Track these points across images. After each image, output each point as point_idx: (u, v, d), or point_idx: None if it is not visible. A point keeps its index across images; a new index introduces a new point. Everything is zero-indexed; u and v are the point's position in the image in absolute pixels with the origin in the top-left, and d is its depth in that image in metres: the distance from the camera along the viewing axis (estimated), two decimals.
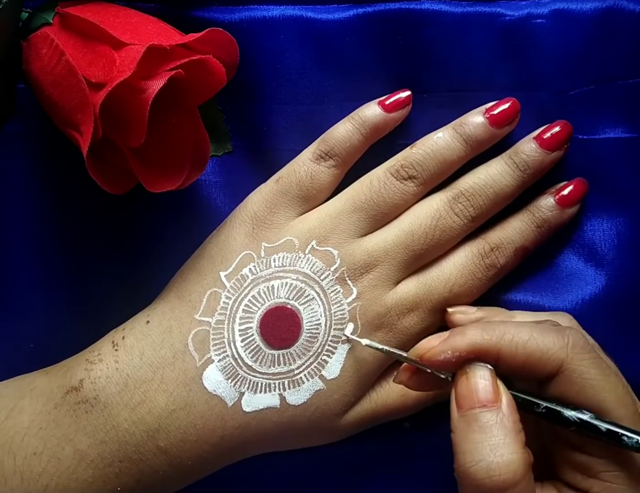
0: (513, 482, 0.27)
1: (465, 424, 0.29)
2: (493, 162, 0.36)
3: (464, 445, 0.28)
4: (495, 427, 0.28)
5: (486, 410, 0.28)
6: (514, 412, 0.29)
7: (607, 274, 0.37)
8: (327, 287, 0.35)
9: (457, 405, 0.29)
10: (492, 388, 0.29)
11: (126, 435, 0.33)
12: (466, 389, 0.29)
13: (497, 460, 0.27)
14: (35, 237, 0.38)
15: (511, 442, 0.28)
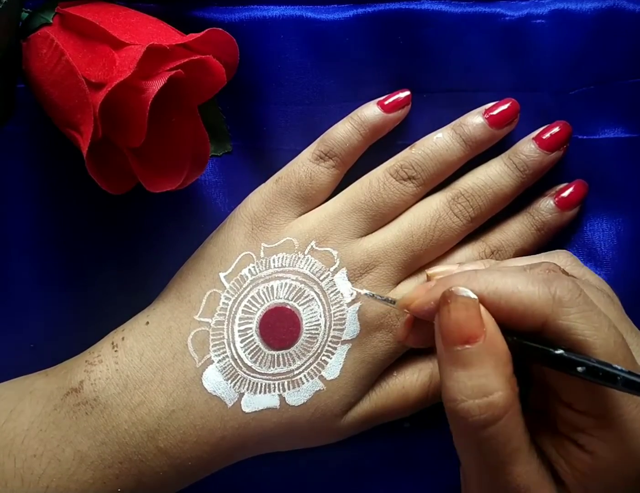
0: (492, 420, 0.27)
1: (449, 360, 0.28)
2: (492, 162, 0.36)
3: (447, 381, 0.28)
4: (478, 364, 0.27)
5: (468, 346, 0.27)
6: (499, 344, 0.27)
7: (607, 274, 0.37)
8: (326, 288, 0.35)
9: (441, 339, 0.28)
10: (474, 321, 0.27)
11: (126, 436, 0.33)
12: (448, 323, 0.28)
13: (478, 402, 0.27)
14: (35, 237, 0.38)
15: (493, 378, 0.27)
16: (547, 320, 0.27)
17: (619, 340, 0.27)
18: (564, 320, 0.27)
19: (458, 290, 0.28)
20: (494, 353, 0.27)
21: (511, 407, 0.27)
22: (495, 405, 0.27)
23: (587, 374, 0.26)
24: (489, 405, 0.27)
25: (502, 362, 0.27)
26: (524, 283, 0.28)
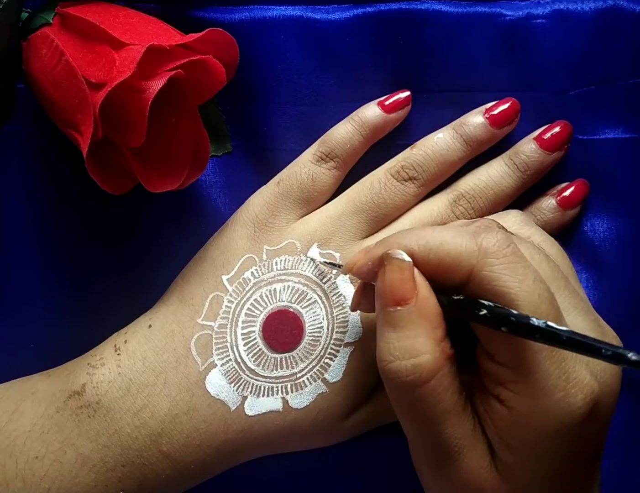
0: (421, 381, 0.27)
1: (382, 321, 0.28)
2: (493, 163, 0.36)
3: (380, 342, 0.28)
4: (408, 326, 0.27)
5: (399, 308, 0.28)
6: (430, 306, 0.28)
7: (606, 274, 0.37)
8: (329, 290, 0.35)
9: (377, 298, 0.29)
10: (406, 284, 0.28)
11: (129, 439, 0.32)
12: (383, 284, 0.28)
13: (405, 363, 0.27)
14: (35, 237, 0.38)
15: (422, 340, 0.27)
16: (472, 271, 0.27)
17: (544, 294, 0.27)
18: (487, 271, 0.27)
19: (394, 252, 0.28)
20: (425, 316, 0.28)
21: (440, 370, 0.27)
22: (422, 367, 0.27)
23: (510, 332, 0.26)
24: (415, 367, 0.27)
25: (432, 325, 0.28)
26: (452, 236, 0.28)
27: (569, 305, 0.29)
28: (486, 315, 0.27)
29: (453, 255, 0.28)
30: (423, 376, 0.27)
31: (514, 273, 0.27)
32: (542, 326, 0.25)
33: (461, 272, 0.28)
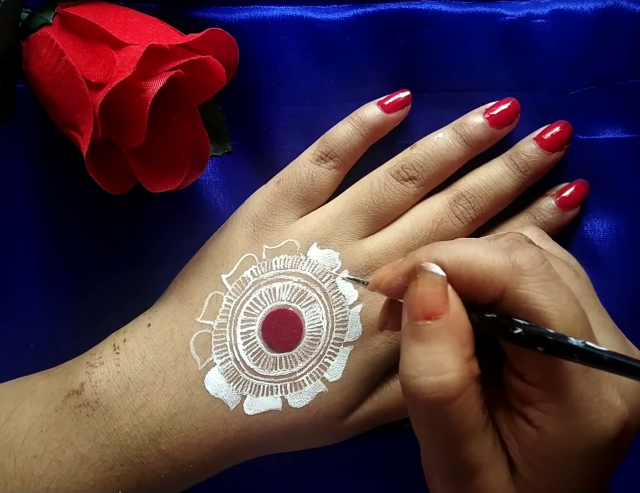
0: (446, 399, 0.26)
1: (409, 334, 0.27)
2: (493, 163, 0.36)
3: (405, 355, 0.27)
4: (437, 341, 0.26)
5: (430, 322, 0.27)
6: (461, 323, 0.27)
7: (607, 274, 0.37)
8: (328, 290, 0.35)
9: (406, 312, 0.28)
10: (439, 298, 0.27)
11: (127, 438, 0.32)
12: (414, 297, 0.27)
13: (431, 379, 0.26)
14: (35, 237, 0.38)
15: (451, 357, 0.26)
16: (505, 288, 0.26)
17: (578, 313, 0.27)
18: (522, 289, 0.26)
19: (428, 266, 0.27)
20: (455, 333, 0.27)
21: (466, 389, 0.26)
22: (449, 385, 0.26)
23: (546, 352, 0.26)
24: (441, 384, 0.26)
25: (462, 342, 0.27)
26: (485, 251, 0.27)
27: (598, 324, 0.28)
28: (521, 334, 0.26)
29: (486, 271, 0.27)
30: (449, 394, 0.26)
31: (548, 292, 0.26)
32: (580, 346, 0.25)
33: (494, 289, 0.27)
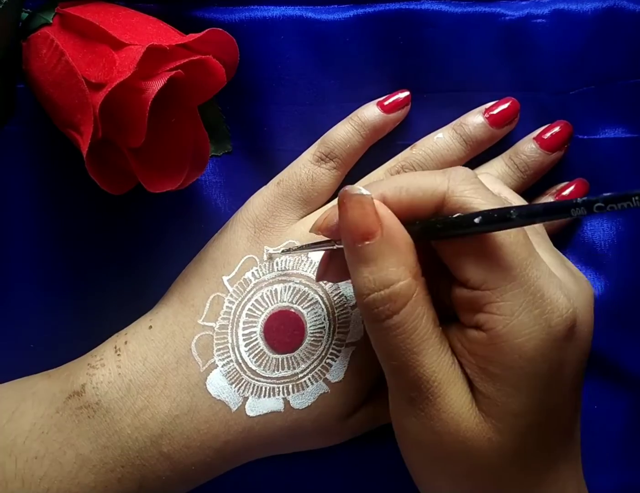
0: (396, 308, 0.28)
1: (353, 258, 0.29)
2: (493, 162, 0.36)
3: (355, 279, 0.29)
4: (379, 258, 0.28)
5: (367, 242, 0.28)
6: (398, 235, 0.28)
7: (606, 274, 0.37)
8: (330, 291, 0.34)
9: (343, 238, 0.29)
10: (369, 218, 0.28)
11: (129, 440, 0.32)
12: (347, 222, 0.29)
13: (381, 293, 0.28)
14: (35, 237, 0.38)
15: (394, 269, 0.28)
16: (444, 198, 0.28)
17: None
18: (459, 196, 0.28)
19: (351, 189, 0.29)
20: (393, 245, 0.28)
21: (414, 295, 0.28)
22: (396, 293, 0.28)
23: (485, 223, 0.27)
24: (391, 294, 0.28)
25: (402, 253, 0.28)
26: (421, 175, 0.29)
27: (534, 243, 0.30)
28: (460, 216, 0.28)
29: (424, 188, 0.29)
30: (398, 302, 0.28)
31: (484, 198, 0.28)
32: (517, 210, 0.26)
33: (433, 203, 0.28)
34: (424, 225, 0.29)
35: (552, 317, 0.27)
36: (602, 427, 0.38)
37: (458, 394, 0.28)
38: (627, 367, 0.38)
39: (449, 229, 0.28)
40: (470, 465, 0.29)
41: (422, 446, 0.30)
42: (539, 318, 0.27)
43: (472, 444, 0.28)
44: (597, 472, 0.37)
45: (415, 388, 0.28)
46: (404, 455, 0.32)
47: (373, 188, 0.29)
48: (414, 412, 0.29)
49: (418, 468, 0.32)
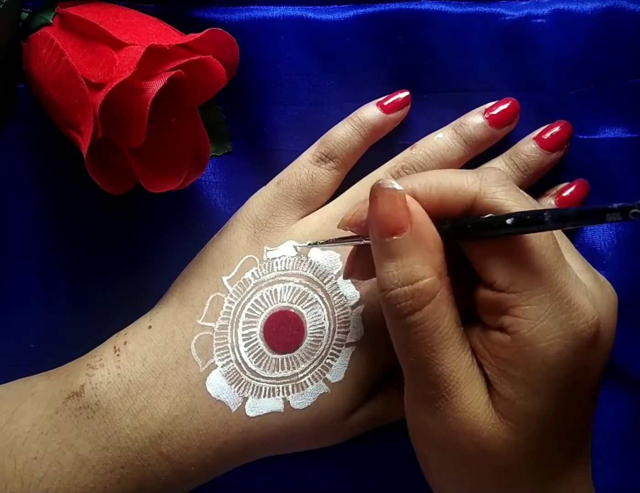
0: (419, 305, 0.28)
1: (380, 252, 0.29)
2: (493, 162, 0.36)
3: (380, 273, 0.29)
4: (406, 253, 0.28)
5: (396, 237, 0.28)
6: (427, 233, 0.28)
7: (606, 274, 0.37)
8: (330, 291, 0.34)
9: (371, 231, 0.29)
10: (400, 212, 0.28)
11: (128, 441, 0.32)
12: (377, 216, 0.29)
13: (405, 289, 0.28)
14: (35, 237, 0.38)
15: (420, 266, 0.28)
16: (475, 199, 0.28)
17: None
18: (490, 198, 0.28)
19: (384, 182, 0.29)
20: (421, 242, 0.28)
21: (438, 294, 0.28)
22: (420, 290, 0.28)
23: (517, 225, 0.27)
24: (414, 291, 0.28)
25: (430, 250, 0.28)
26: (453, 173, 0.29)
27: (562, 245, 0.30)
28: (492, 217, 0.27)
29: (455, 187, 0.29)
30: (422, 299, 0.28)
31: (515, 199, 0.28)
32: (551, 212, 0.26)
33: (464, 203, 0.28)
34: (454, 224, 0.29)
35: (578, 323, 0.28)
36: (602, 427, 0.38)
37: (475, 394, 0.29)
38: (627, 366, 0.38)
39: (479, 230, 0.28)
40: (485, 465, 0.29)
41: (437, 444, 0.30)
42: (565, 323, 0.27)
43: (487, 444, 0.28)
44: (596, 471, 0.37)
45: (433, 386, 0.29)
46: (418, 452, 0.32)
47: (404, 183, 0.29)
48: (429, 410, 0.29)
49: (431, 467, 0.32)
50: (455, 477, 0.31)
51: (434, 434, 0.30)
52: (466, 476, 0.30)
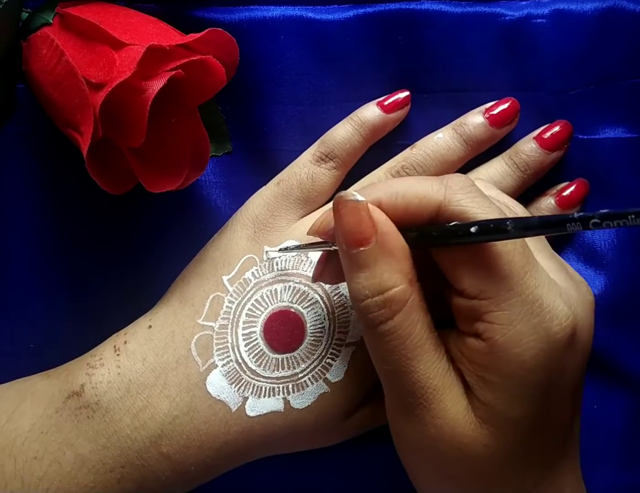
0: (390, 313, 0.28)
1: (348, 264, 0.29)
2: (493, 162, 0.36)
3: (350, 285, 0.29)
4: (374, 263, 0.28)
5: (362, 248, 0.28)
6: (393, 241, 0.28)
7: (606, 274, 0.37)
8: (330, 291, 0.34)
9: (338, 244, 0.29)
10: (364, 223, 0.28)
11: (128, 441, 0.32)
12: (342, 228, 0.29)
13: (376, 299, 0.28)
14: (35, 237, 0.38)
15: (389, 275, 0.28)
16: (440, 207, 0.28)
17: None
18: (455, 205, 0.28)
19: (346, 194, 0.29)
20: (388, 251, 0.28)
21: (409, 301, 0.28)
22: (391, 299, 0.28)
23: (481, 234, 0.27)
24: (385, 300, 0.28)
25: (397, 259, 0.28)
26: (417, 181, 0.29)
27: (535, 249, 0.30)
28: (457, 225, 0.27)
29: (420, 195, 0.28)
30: (392, 308, 0.28)
31: (481, 206, 0.28)
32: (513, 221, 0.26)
33: (429, 210, 0.28)
34: (420, 233, 0.29)
35: (552, 325, 0.27)
36: (602, 427, 0.38)
37: (453, 400, 0.28)
38: (627, 366, 0.38)
39: (445, 237, 0.28)
40: (466, 470, 0.29)
41: (418, 451, 0.30)
42: (538, 327, 0.27)
43: (467, 450, 0.28)
44: (596, 471, 0.37)
45: (410, 394, 0.29)
46: (402, 459, 0.32)
47: (368, 192, 0.29)
48: (409, 418, 0.29)
49: (415, 472, 0.32)
50: (438, 481, 0.31)
51: (415, 441, 0.30)
52: (448, 481, 0.30)
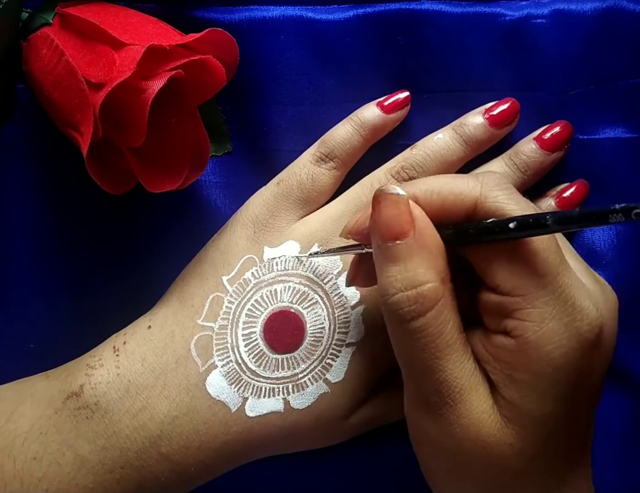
0: (422, 310, 0.28)
1: (381, 256, 0.29)
2: (493, 163, 0.36)
3: (381, 278, 0.29)
4: (408, 258, 0.28)
5: (399, 241, 0.28)
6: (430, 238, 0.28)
7: (606, 274, 0.37)
8: (330, 291, 0.34)
9: (373, 236, 0.29)
10: (403, 217, 0.28)
11: (127, 441, 0.32)
12: (379, 220, 0.29)
13: (408, 293, 0.28)
14: (35, 237, 0.38)
15: (423, 271, 0.28)
16: (476, 203, 0.28)
17: None
18: (492, 202, 0.28)
19: (388, 188, 0.29)
20: (424, 247, 0.28)
21: (441, 299, 0.28)
22: (424, 295, 0.28)
23: (520, 229, 0.27)
24: (417, 296, 0.28)
25: (433, 255, 0.28)
26: (453, 178, 0.30)
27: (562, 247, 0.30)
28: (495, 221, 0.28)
29: (456, 192, 0.29)
30: (425, 304, 0.28)
31: (517, 203, 0.28)
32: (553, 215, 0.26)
33: (465, 207, 0.28)
34: (456, 230, 0.29)
35: (582, 325, 0.28)
36: (602, 427, 0.38)
37: (479, 400, 0.28)
38: (627, 367, 0.38)
39: (482, 234, 0.28)
40: (490, 470, 0.29)
41: (440, 450, 0.30)
42: (569, 326, 0.27)
43: (492, 450, 0.28)
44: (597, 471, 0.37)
45: (436, 393, 0.28)
46: (420, 458, 0.32)
47: (406, 189, 0.29)
48: (432, 416, 0.29)
49: (434, 472, 0.32)
50: (458, 481, 0.31)
51: (437, 440, 0.29)
52: (470, 481, 0.30)
